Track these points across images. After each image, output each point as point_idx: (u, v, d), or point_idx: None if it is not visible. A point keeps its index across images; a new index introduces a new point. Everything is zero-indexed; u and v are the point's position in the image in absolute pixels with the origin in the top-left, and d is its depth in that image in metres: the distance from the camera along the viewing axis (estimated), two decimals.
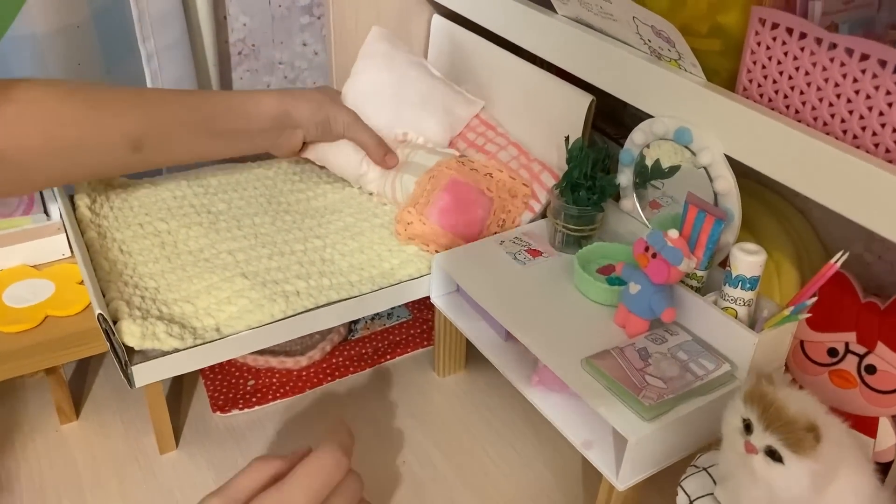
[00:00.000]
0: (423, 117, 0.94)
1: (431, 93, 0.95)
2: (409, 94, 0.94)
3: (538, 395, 0.73)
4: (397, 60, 0.96)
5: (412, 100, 0.94)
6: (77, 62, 0.97)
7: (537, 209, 0.89)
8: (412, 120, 0.94)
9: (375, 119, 0.93)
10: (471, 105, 0.98)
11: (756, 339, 0.65)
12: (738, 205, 0.70)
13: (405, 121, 0.94)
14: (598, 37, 0.77)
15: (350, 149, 0.94)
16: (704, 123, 0.69)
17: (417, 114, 0.94)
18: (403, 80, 0.94)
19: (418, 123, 0.94)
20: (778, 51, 0.65)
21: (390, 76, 0.94)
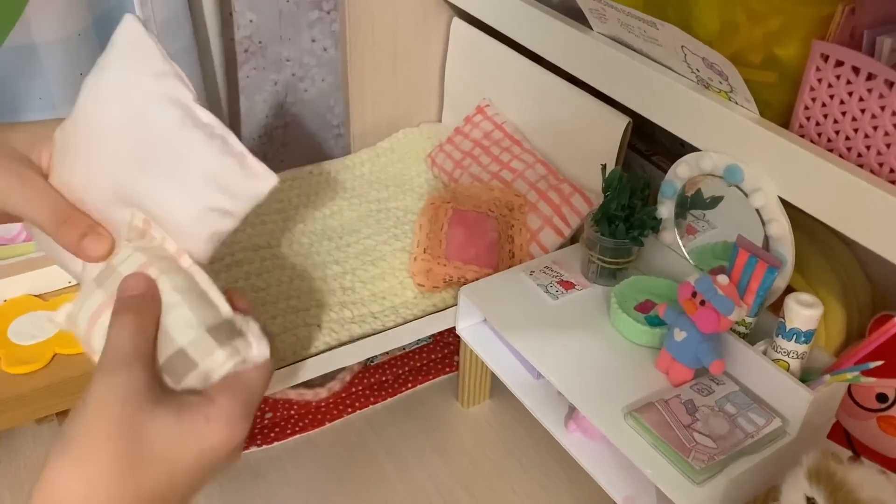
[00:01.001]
0: (166, 189, 0.54)
1: (189, 148, 0.54)
2: (152, 144, 0.55)
3: (574, 443, 0.70)
4: (143, 81, 0.56)
5: (156, 155, 0.55)
6: (79, 72, 0.91)
7: (566, 233, 0.85)
8: (147, 192, 0.54)
9: (91, 187, 0.56)
10: (258, 180, 0.54)
11: (811, 397, 0.62)
12: (792, 250, 0.66)
13: (139, 193, 0.55)
14: (640, 59, 0.73)
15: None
16: (758, 162, 0.65)
17: (158, 182, 0.54)
18: (145, 119, 0.55)
19: (157, 199, 0.54)
20: (841, 90, 0.60)
21: (124, 109, 0.56)
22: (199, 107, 0.56)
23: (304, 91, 1.20)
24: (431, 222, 0.82)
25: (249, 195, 0.54)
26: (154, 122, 0.54)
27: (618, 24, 0.73)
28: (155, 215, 0.54)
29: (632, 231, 0.74)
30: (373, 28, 1.00)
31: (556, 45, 0.80)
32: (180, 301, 0.52)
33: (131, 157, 0.55)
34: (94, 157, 0.56)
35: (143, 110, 0.55)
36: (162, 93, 0.55)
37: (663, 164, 0.90)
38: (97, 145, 0.56)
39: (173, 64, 0.58)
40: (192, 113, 0.55)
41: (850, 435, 0.73)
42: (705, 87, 0.68)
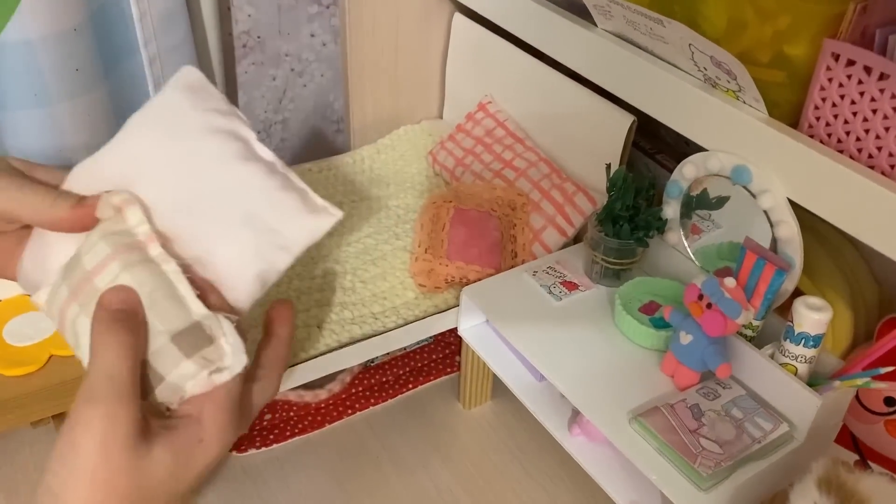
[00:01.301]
0: (223, 221, 0.52)
1: (249, 181, 0.53)
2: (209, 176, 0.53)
3: (578, 447, 0.69)
4: (203, 116, 0.54)
5: (213, 186, 0.52)
6: (75, 68, 0.90)
7: (570, 233, 0.84)
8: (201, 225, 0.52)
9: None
10: (320, 216, 0.54)
11: (820, 403, 0.61)
12: (801, 252, 0.65)
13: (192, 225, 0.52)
14: (645, 57, 0.71)
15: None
16: (766, 163, 0.64)
17: (214, 214, 0.52)
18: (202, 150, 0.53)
19: (211, 233, 0.52)
20: (853, 90, 0.59)
21: (181, 140, 0.54)
22: (260, 144, 0.54)
23: (303, 86, 1.19)
24: (433, 221, 0.81)
25: (310, 231, 0.52)
26: (213, 154, 0.52)
27: (623, 21, 0.71)
28: (208, 249, 0.51)
29: (636, 232, 0.73)
30: (373, 23, 0.99)
31: (559, 41, 0.79)
32: (145, 304, 0.47)
33: (185, 188, 0.52)
34: (144, 187, 0.52)
35: (202, 143, 0.53)
36: (222, 127, 0.53)
37: (668, 163, 0.89)
38: (149, 175, 0.53)
39: (233, 106, 0.56)
40: (253, 148, 0.53)
41: (858, 439, 0.72)
42: (712, 86, 0.67)
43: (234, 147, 0.52)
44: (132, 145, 0.54)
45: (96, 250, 0.49)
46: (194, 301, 0.48)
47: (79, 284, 0.49)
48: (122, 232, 0.50)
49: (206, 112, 0.54)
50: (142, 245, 0.49)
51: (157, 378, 0.46)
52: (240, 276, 0.51)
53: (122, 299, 0.47)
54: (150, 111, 0.55)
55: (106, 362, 0.45)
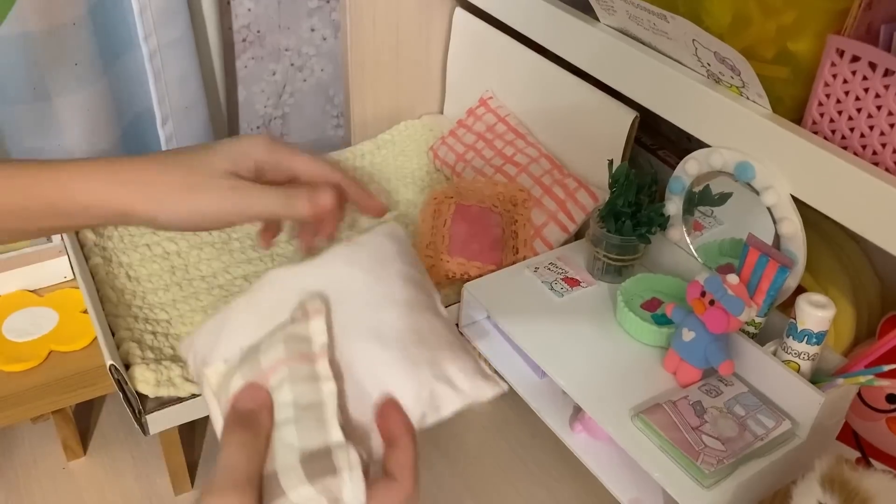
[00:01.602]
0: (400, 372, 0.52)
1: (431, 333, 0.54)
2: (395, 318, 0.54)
3: (580, 444, 0.69)
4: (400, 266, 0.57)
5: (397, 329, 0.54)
6: (74, 62, 0.89)
7: (571, 229, 0.84)
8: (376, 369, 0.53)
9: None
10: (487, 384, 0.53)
11: (823, 399, 0.60)
12: (804, 249, 0.65)
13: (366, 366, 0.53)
14: (648, 52, 0.71)
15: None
16: (770, 160, 0.63)
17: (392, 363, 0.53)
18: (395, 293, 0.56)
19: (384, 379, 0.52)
20: (857, 86, 0.59)
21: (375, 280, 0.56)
22: (442, 307, 0.57)
23: (302, 81, 1.19)
24: (434, 217, 0.80)
25: (473, 395, 0.53)
26: (407, 299, 0.55)
27: (626, 16, 0.71)
28: (383, 381, 0.52)
29: (639, 228, 0.73)
30: (374, 18, 0.98)
31: (561, 36, 0.79)
32: (292, 417, 0.49)
33: (376, 320, 0.54)
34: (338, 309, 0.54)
35: (399, 286, 0.55)
36: (417, 280, 0.56)
37: (669, 159, 0.89)
38: (345, 300, 0.55)
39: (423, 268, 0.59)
40: (437, 305, 0.57)
41: (859, 436, 0.72)
42: (716, 82, 0.67)
43: (425, 300, 0.56)
44: (336, 270, 0.57)
45: (274, 351, 0.51)
46: (335, 427, 0.49)
47: (252, 380, 0.51)
48: (301, 338, 0.52)
49: (406, 263, 0.58)
50: (313, 357, 0.51)
51: (279, 491, 0.47)
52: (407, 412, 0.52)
53: (252, 398, 0.49)
54: (357, 247, 0.58)
55: (226, 457, 0.46)
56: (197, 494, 0.77)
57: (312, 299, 0.53)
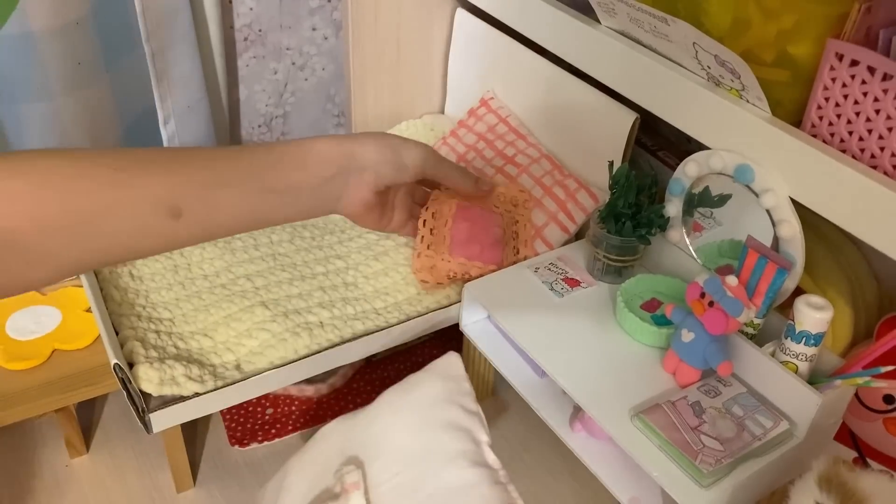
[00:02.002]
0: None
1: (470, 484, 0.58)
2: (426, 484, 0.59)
3: (580, 443, 0.70)
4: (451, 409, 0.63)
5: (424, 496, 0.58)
6: (77, 61, 0.90)
7: (572, 230, 0.84)
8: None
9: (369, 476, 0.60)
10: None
11: (820, 400, 0.61)
12: (803, 251, 0.65)
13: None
14: (649, 55, 0.71)
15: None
16: (769, 163, 0.64)
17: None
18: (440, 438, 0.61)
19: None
20: (856, 90, 0.59)
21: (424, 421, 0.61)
22: (489, 450, 0.60)
23: (304, 80, 1.19)
24: (435, 218, 0.81)
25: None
26: (446, 451, 0.58)
27: (627, 18, 0.71)
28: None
29: (639, 229, 0.74)
30: (376, 17, 0.99)
31: (562, 38, 0.79)
32: None
33: (412, 477, 0.57)
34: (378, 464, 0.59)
35: (441, 437, 0.59)
36: (463, 425, 0.59)
37: (669, 160, 0.89)
38: (386, 454, 0.59)
39: (479, 407, 0.62)
40: (483, 452, 0.59)
41: (857, 436, 0.73)
42: (716, 85, 0.67)
43: (468, 448, 0.59)
44: (384, 423, 0.61)
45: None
46: None
47: None
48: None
49: (455, 407, 0.61)
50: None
51: None
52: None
53: None
54: (408, 393, 0.62)
55: None
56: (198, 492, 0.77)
57: (350, 470, 0.55)
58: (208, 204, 0.60)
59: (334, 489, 0.57)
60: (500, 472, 0.59)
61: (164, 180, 0.58)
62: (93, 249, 0.55)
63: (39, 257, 0.52)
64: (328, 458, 0.62)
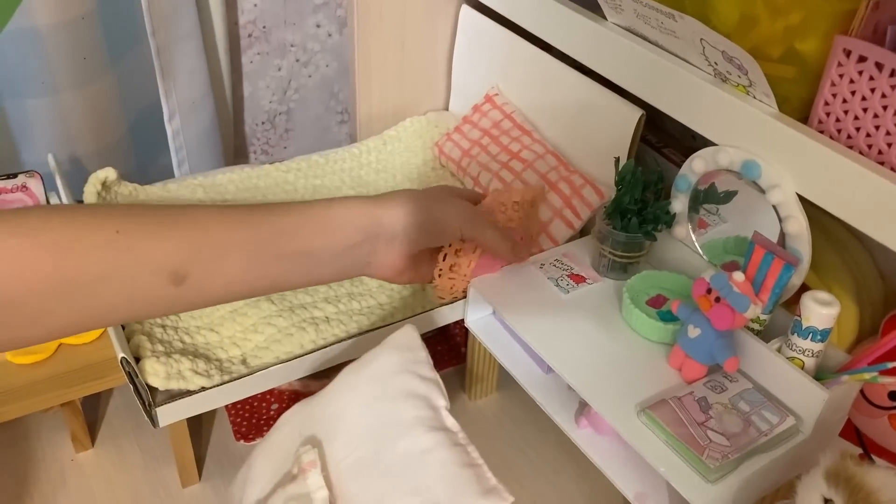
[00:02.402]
0: (398, 483, 0.56)
1: (430, 449, 0.56)
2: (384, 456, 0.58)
3: (585, 439, 0.70)
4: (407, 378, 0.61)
5: (383, 468, 0.57)
6: (82, 56, 0.90)
7: (577, 226, 0.84)
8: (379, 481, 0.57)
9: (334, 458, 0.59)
10: (491, 498, 0.55)
11: (827, 396, 0.61)
12: (809, 247, 0.65)
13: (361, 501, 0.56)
14: (655, 51, 0.72)
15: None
16: (776, 158, 0.64)
17: (381, 495, 0.56)
18: (397, 408, 0.60)
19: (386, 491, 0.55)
20: (864, 86, 0.59)
21: (381, 391, 0.60)
22: (447, 413, 0.59)
23: (307, 77, 1.19)
24: (458, 255, 0.78)
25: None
26: (404, 420, 0.57)
27: (634, 14, 0.71)
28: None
29: (644, 225, 0.74)
30: (381, 14, 0.99)
31: (568, 34, 0.79)
32: None
33: (370, 451, 0.56)
34: (337, 443, 0.58)
35: (397, 407, 0.58)
36: (419, 393, 0.58)
37: (674, 157, 0.90)
38: (344, 432, 0.58)
39: (436, 373, 0.61)
40: (441, 417, 0.58)
41: (862, 433, 0.73)
42: (723, 81, 0.67)
43: (425, 415, 0.57)
44: (341, 401, 0.60)
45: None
46: None
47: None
48: (301, 497, 0.54)
49: (410, 375, 0.60)
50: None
51: None
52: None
53: None
54: (364, 368, 0.61)
55: None
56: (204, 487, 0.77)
57: (306, 450, 0.55)
58: (215, 270, 0.56)
59: (292, 471, 0.56)
60: (459, 435, 0.57)
61: (166, 245, 0.54)
62: (89, 314, 0.52)
63: (32, 318, 0.50)
64: (289, 443, 0.61)
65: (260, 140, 1.19)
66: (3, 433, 0.80)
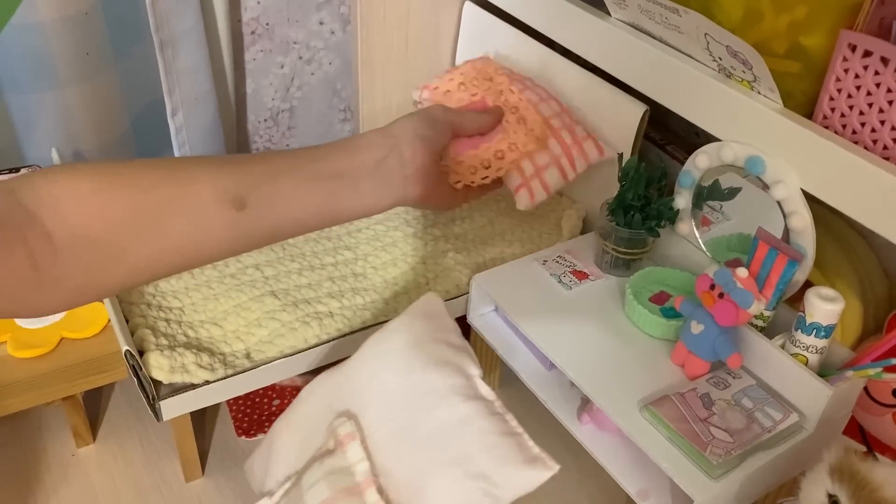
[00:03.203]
0: (430, 477, 0.53)
1: (468, 419, 0.55)
2: (421, 426, 0.56)
3: (588, 435, 0.70)
4: (437, 347, 0.59)
5: (422, 438, 0.55)
6: (86, 51, 0.90)
7: (570, 177, 0.80)
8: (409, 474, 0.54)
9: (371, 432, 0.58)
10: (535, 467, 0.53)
11: (830, 392, 0.61)
12: (813, 243, 0.65)
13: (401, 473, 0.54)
14: (659, 47, 0.71)
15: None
16: (780, 154, 0.64)
17: (422, 466, 0.54)
18: (429, 378, 0.58)
19: (418, 485, 0.53)
20: (868, 80, 0.59)
21: (410, 363, 0.59)
22: (482, 382, 0.57)
23: (310, 74, 1.19)
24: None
25: (524, 483, 0.50)
26: (438, 389, 0.55)
27: (638, 10, 0.71)
28: (418, 487, 0.51)
29: (648, 221, 0.73)
30: (384, 11, 0.99)
31: (572, 30, 0.79)
32: None
33: (406, 421, 0.54)
34: (370, 414, 0.56)
35: (430, 376, 0.56)
36: (451, 360, 0.56)
37: (677, 154, 0.89)
38: (377, 402, 0.56)
39: (465, 341, 0.59)
40: (475, 385, 0.56)
41: (865, 430, 0.73)
42: (727, 76, 0.67)
43: (459, 383, 0.56)
44: (369, 371, 0.58)
45: (317, 490, 0.51)
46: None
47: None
48: (341, 470, 0.52)
49: (440, 344, 0.58)
50: (360, 490, 0.51)
51: None
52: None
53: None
54: (391, 336, 0.59)
55: None
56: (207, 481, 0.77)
57: (341, 423, 0.53)
58: (270, 193, 0.60)
59: (328, 444, 0.55)
60: (496, 403, 0.57)
61: (223, 173, 0.58)
62: (163, 248, 0.55)
63: (112, 256, 0.52)
64: (316, 417, 0.60)
65: (263, 137, 1.19)
66: (5, 427, 0.80)
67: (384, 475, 0.53)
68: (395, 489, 0.53)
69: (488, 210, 0.92)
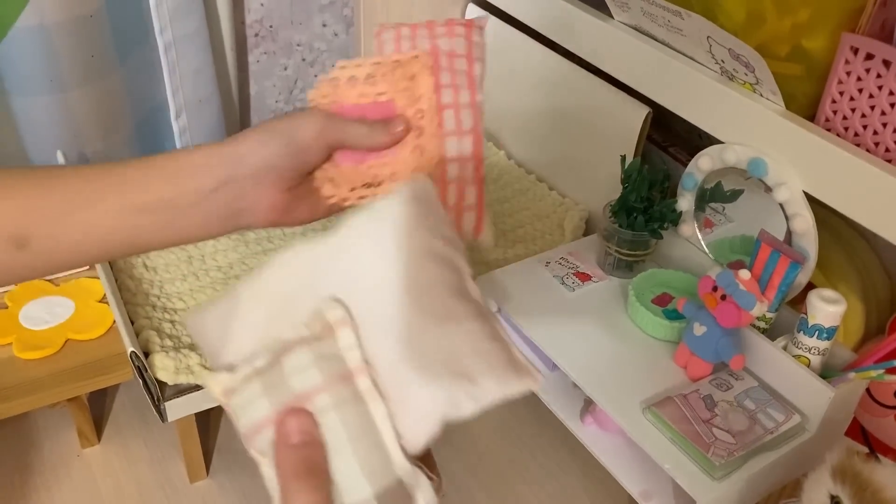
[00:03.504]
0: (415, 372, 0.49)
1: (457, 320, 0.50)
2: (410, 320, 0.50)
3: (590, 437, 0.70)
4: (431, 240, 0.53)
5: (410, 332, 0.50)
6: (90, 54, 0.90)
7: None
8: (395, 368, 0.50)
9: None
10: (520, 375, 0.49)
11: (832, 394, 0.61)
12: (816, 245, 0.65)
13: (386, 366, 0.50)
14: (662, 49, 0.72)
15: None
16: (783, 156, 0.64)
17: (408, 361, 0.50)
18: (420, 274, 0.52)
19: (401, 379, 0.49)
20: (871, 83, 0.59)
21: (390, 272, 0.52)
22: (471, 280, 0.53)
23: (314, 76, 1.19)
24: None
25: (505, 388, 0.50)
26: (428, 282, 0.51)
27: (640, 12, 0.71)
28: (401, 381, 0.47)
29: (651, 223, 0.74)
30: (387, 13, 0.99)
31: (575, 33, 0.79)
32: (349, 448, 0.45)
33: (394, 312, 0.50)
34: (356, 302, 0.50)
35: (420, 267, 0.51)
36: (442, 254, 0.52)
37: (680, 156, 0.90)
38: (364, 290, 0.50)
39: (456, 234, 0.54)
40: (465, 283, 0.52)
41: (867, 432, 0.73)
42: (729, 79, 0.68)
43: (450, 279, 0.51)
44: (355, 256, 0.52)
45: (308, 375, 0.47)
46: (397, 453, 0.45)
47: (284, 406, 0.47)
48: (332, 356, 0.48)
49: (430, 233, 0.53)
50: (352, 376, 0.48)
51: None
52: (426, 415, 0.50)
53: (301, 431, 0.45)
54: (375, 218, 0.52)
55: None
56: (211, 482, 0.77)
57: (330, 307, 0.50)
58: (59, 232, 0.52)
59: (313, 328, 0.52)
60: (482, 306, 0.55)
61: (5, 205, 0.51)
62: None
63: None
64: (294, 292, 0.53)
65: None
66: (10, 429, 0.80)
67: (368, 365, 0.51)
68: (377, 380, 0.51)
69: (490, 211, 0.92)
